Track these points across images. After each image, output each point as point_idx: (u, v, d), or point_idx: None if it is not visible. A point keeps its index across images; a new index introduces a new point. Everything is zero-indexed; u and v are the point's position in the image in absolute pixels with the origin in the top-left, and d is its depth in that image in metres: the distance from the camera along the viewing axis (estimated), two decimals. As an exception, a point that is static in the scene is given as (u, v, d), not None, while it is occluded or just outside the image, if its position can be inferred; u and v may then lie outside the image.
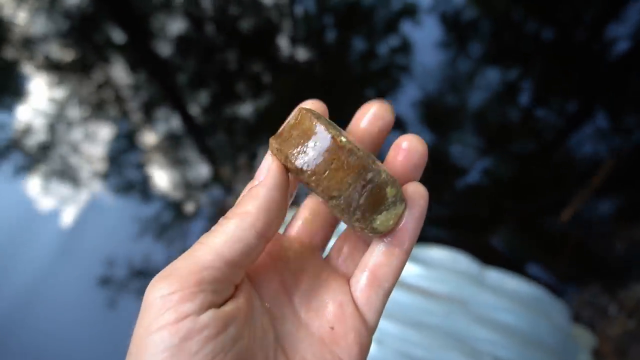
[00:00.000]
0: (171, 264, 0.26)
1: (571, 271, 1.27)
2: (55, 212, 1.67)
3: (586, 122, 1.63)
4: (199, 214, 1.65)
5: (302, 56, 1.93)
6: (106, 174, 1.75)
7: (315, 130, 0.26)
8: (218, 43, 1.99)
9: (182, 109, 1.86)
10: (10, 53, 2.00)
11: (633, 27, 1.78)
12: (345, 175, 0.26)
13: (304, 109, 0.28)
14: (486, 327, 0.76)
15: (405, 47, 1.92)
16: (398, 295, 0.78)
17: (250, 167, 1.66)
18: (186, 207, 1.67)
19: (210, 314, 0.24)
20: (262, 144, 1.71)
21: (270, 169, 0.28)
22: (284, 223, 0.37)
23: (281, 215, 0.28)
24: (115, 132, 1.84)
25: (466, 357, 0.73)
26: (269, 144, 0.28)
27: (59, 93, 1.91)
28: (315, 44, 1.97)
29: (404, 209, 0.28)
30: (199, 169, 1.71)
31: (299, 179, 0.28)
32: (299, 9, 2.07)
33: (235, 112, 1.80)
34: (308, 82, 1.86)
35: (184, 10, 2.04)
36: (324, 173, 0.26)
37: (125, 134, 1.85)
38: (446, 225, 1.39)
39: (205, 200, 1.68)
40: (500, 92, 1.76)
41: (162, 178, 1.70)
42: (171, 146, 1.76)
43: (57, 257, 1.52)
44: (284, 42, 1.94)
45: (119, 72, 1.94)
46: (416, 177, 0.30)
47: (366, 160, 0.26)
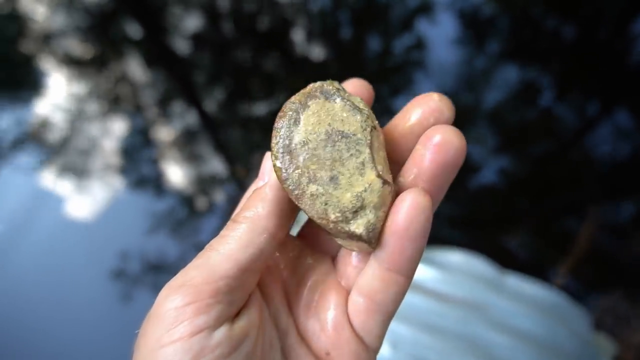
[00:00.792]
0: (183, 272, 0.24)
1: (592, 277, 1.24)
2: (71, 206, 1.69)
3: (605, 121, 1.59)
4: (212, 210, 1.66)
5: (316, 53, 1.92)
6: (121, 168, 1.76)
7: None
8: (233, 39, 1.99)
9: (197, 105, 1.86)
10: (28, 48, 2.02)
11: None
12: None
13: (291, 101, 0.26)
14: (503, 332, 0.75)
15: (420, 44, 1.90)
16: (413, 298, 0.77)
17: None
18: (200, 203, 1.68)
19: (224, 331, 0.22)
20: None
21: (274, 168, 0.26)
22: (297, 222, 0.35)
23: (292, 215, 0.27)
24: (131, 127, 1.85)
25: (481, 361, 0.72)
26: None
27: (76, 88, 1.93)
28: (330, 40, 1.96)
29: (378, 218, 0.25)
30: (214, 165, 1.72)
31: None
32: (314, 5, 2.06)
33: (250, 108, 1.80)
34: (323, 79, 1.84)
35: (200, 6, 2.05)
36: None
37: (140, 129, 1.87)
38: (461, 226, 1.38)
39: (219, 197, 1.68)
40: (517, 91, 1.73)
41: (176, 173, 1.71)
42: (186, 142, 1.77)
43: (72, 250, 1.54)
44: (299, 39, 1.93)
45: (136, 68, 1.95)
46: (448, 180, 0.25)
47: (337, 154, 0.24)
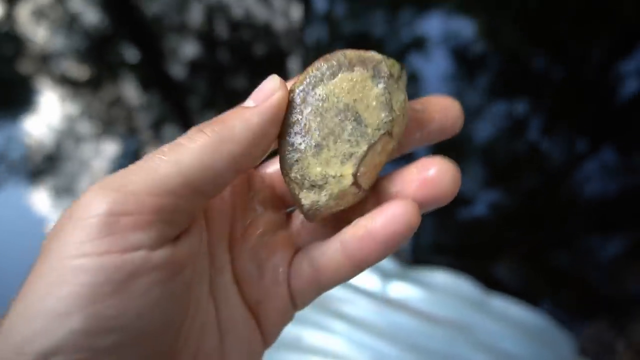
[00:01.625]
0: (122, 173, 0.21)
1: (578, 305, 1.24)
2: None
3: (593, 159, 1.62)
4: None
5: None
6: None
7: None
8: (229, 66, 2.02)
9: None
10: (25, 68, 2.03)
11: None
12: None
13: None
14: (488, 354, 0.74)
15: (413, 78, 1.94)
16: (398, 317, 0.76)
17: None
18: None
19: (164, 254, 0.19)
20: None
21: (275, 95, 0.24)
22: None
23: (265, 153, 0.24)
24: (124, 149, 1.85)
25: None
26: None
27: (70, 108, 1.93)
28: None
29: (328, 205, 0.24)
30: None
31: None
32: (310, 36, 2.11)
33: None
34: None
35: (197, 33, 2.08)
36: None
37: (133, 151, 1.86)
38: (450, 254, 1.38)
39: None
40: (507, 126, 1.76)
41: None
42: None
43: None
44: (294, 68, 1.97)
45: (131, 91, 1.96)
46: (427, 210, 0.24)
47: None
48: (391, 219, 0.22)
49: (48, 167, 1.81)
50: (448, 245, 1.40)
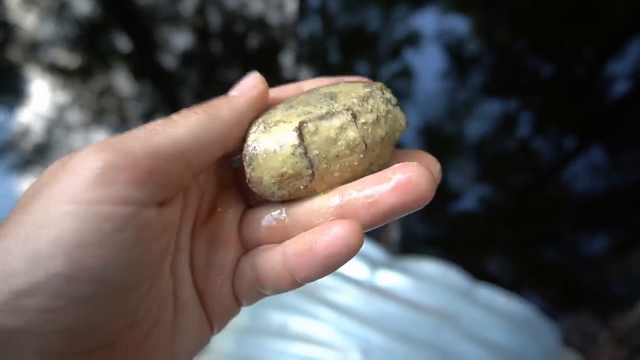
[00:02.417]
0: (120, 137, 0.21)
1: (563, 296, 1.26)
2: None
3: (582, 157, 1.64)
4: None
5: (305, 76, 1.95)
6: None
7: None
8: (222, 58, 2.01)
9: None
10: (14, 55, 2.01)
11: (632, 65, 1.81)
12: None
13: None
14: (474, 343, 0.75)
15: (407, 73, 1.95)
16: (386, 305, 0.77)
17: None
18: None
19: (152, 213, 0.20)
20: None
21: (257, 88, 0.26)
22: None
23: (241, 138, 0.26)
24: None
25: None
26: None
27: (60, 97, 1.91)
28: (318, 65, 2.00)
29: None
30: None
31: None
32: (304, 29, 2.10)
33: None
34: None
35: (190, 24, 2.07)
36: None
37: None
38: (440, 247, 1.39)
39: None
40: (498, 124, 1.78)
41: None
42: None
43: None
44: (287, 62, 1.96)
45: (122, 80, 1.95)
46: (396, 217, 0.23)
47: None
48: (333, 239, 0.22)
49: (37, 156, 1.79)
50: (438, 238, 1.41)
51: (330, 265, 0.22)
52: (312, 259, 0.22)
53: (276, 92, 0.29)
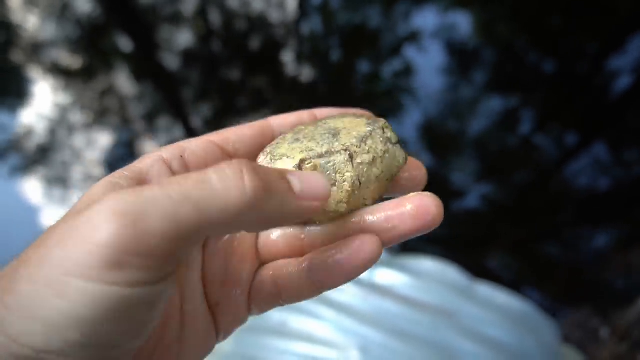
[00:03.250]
0: (138, 197, 0.18)
1: (563, 293, 1.26)
2: (49, 216, 1.66)
3: (584, 153, 1.63)
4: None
5: (306, 74, 1.95)
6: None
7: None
8: (223, 57, 2.01)
9: (184, 120, 1.87)
10: (17, 56, 2.02)
11: (634, 61, 1.80)
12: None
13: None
14: (473, 340, 0.75)
15: (409, 70, 1.94)
16: (385, 303, 0.77)
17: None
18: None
19: (162, 287, 0.20)
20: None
21: (318, 201, 0.23)
22: None
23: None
24: (116, 139, 1.84)
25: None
26: None
27: (62, 98, 1.92)
28: (319, 63, 2.00)
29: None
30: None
31: None
32: (305, 28, 2.10)
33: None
34: (311, 100, 1.88)
35: (192, 24, 2.07)
36: None
37: (125, 142, 1.86)
38: (442, 245, 1.39)
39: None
40: (500, 120, 1.77)
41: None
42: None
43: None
44: (288, 60, 1.96)
45: (124, 81, 1.95)
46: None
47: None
48: (359, 252, 0.24)
49: (40, 156, 1.80)
50: (438, 236, 1.41)
51: (353, 275, 0.25)
52: (338, 270, 0.25)
53: (292, 118, 0.30)
